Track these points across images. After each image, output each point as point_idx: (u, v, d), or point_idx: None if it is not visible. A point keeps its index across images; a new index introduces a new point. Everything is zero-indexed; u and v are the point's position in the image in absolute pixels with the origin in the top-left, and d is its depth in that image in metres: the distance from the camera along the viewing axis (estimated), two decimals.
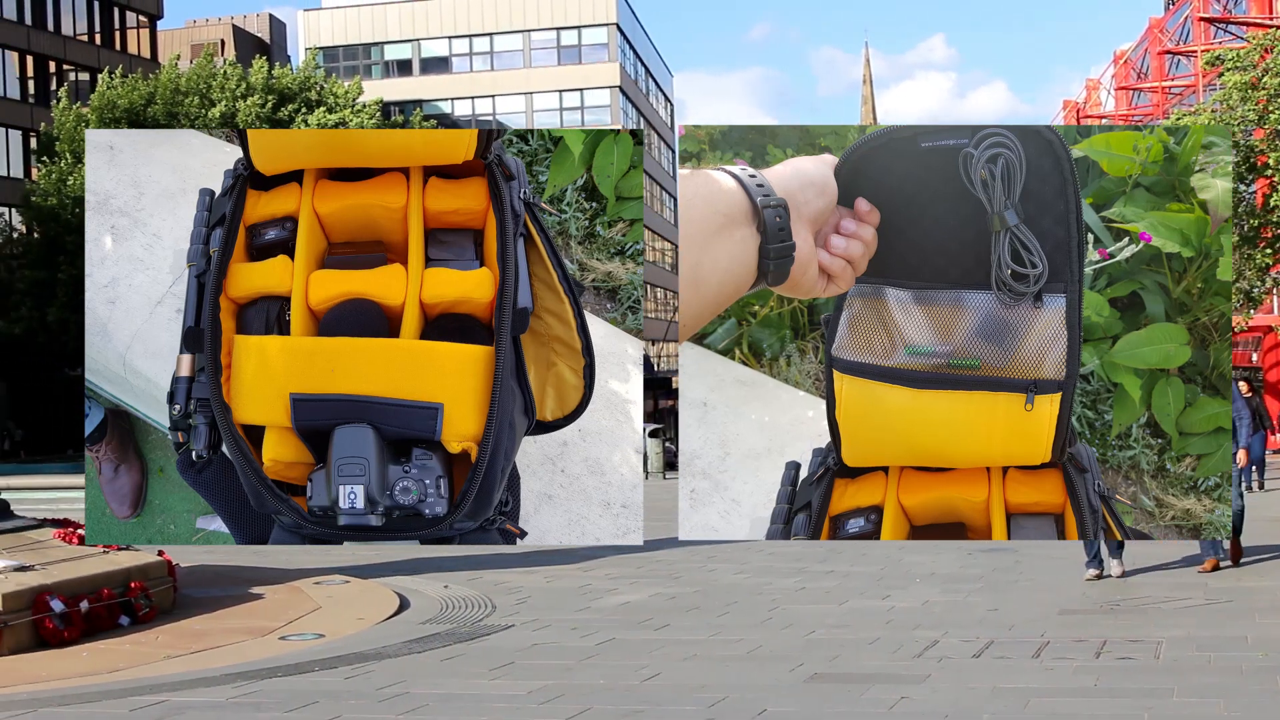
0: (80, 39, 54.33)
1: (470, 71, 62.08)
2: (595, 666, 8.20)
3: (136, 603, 9.43)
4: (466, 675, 8.01)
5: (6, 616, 8.35)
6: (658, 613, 10.23)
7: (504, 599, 10.96)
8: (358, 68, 60.81)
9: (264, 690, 7.66)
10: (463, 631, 9.43)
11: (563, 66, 61.24)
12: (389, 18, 62.53)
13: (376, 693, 7.53)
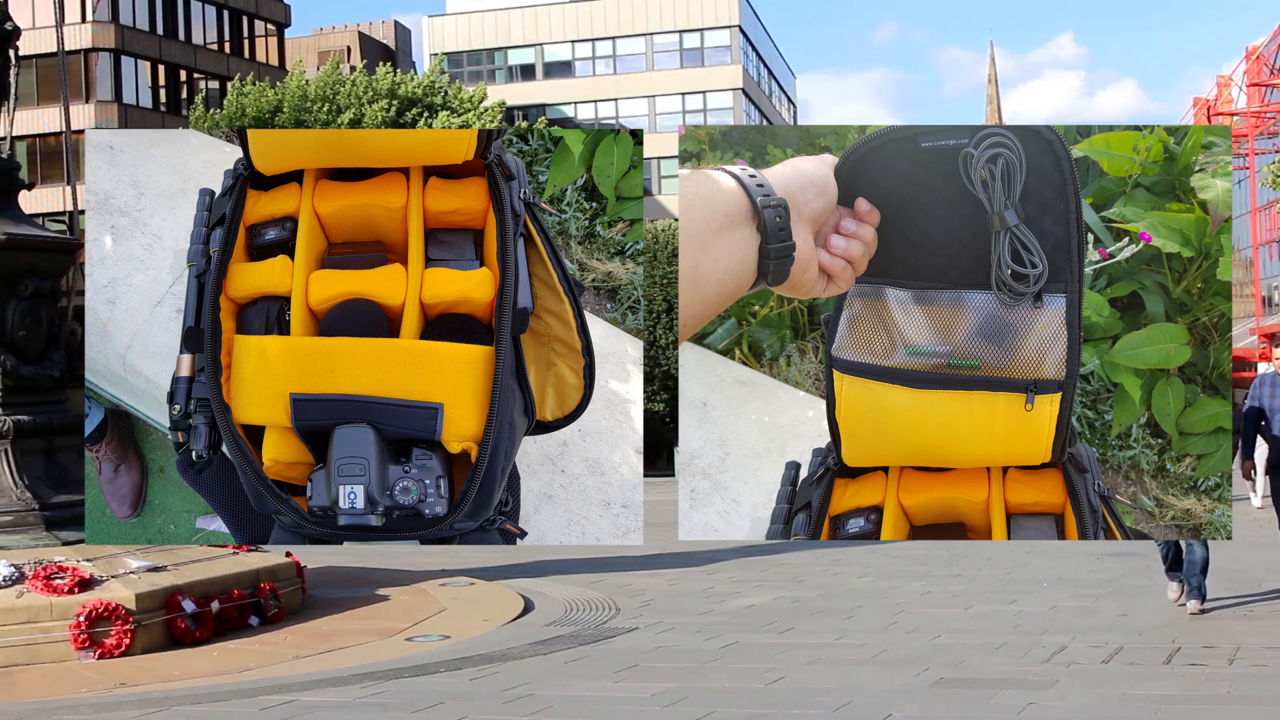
0: (210, 48, 55.03)
1: (593, 75, 61.87)
2: (719, 669, 8.16)
3: (266, 603, 9.52)
4: (591, 677, 8.00)
5: (140, 616, 8.47)
6: (782, 616, 10.17)
7: (628, 601, 10.93)
8: (481, 73, 60.74)
9: (390, 691, 7.68)
10: (587, 634, 9.41)
11: (685, 69, 60.94)
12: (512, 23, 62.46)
13: (501, 694, 7.53)
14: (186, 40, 53.98)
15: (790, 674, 8.00)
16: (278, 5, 59.10)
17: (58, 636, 8.32)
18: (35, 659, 8.27)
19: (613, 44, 61.92)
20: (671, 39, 61.49)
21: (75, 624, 8.28)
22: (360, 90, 42.53)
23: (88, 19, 49.77)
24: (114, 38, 50.17)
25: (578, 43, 62.24)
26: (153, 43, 52.16)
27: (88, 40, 49.51)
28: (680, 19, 61.17)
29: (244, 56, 56.52)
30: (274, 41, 59.02)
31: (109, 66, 50.46)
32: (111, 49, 50.23)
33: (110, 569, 8.74)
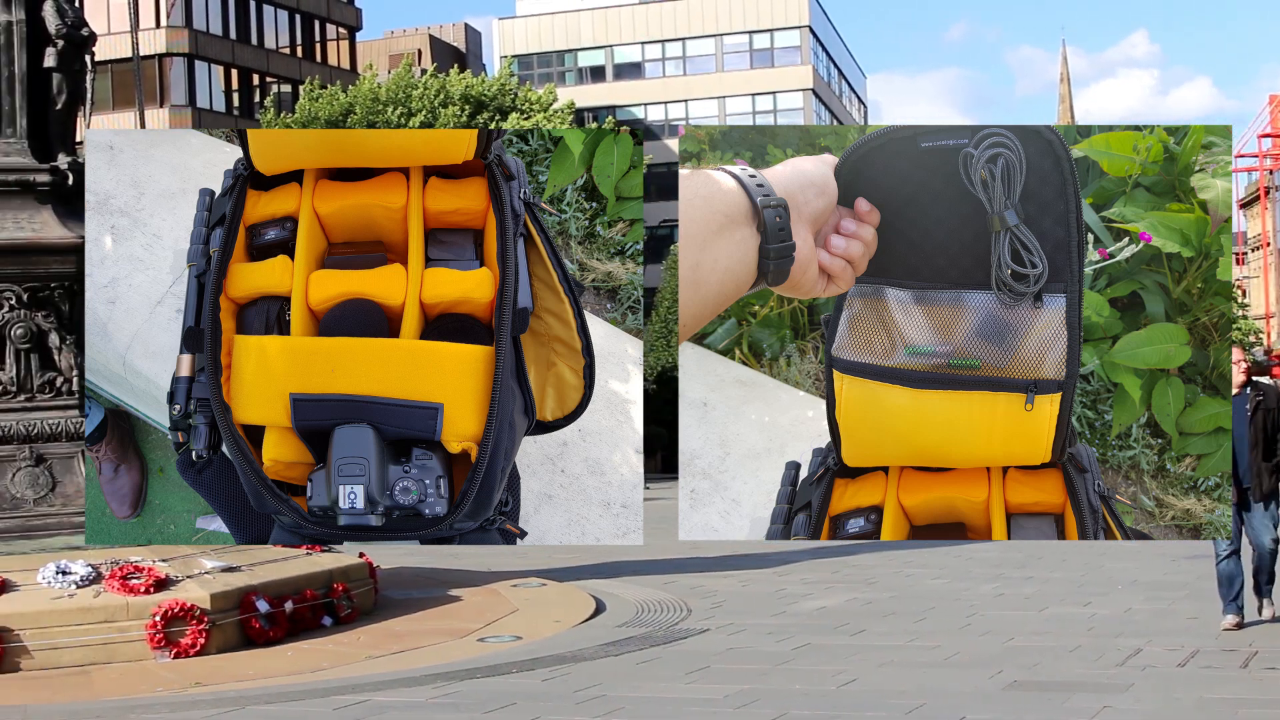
0: (282, 52, 55.32)
1: (662, 77, 61.74)
2: (791, 671, 8.14)
3: (339, 604, 9.56)
4: (662, 678, 8.00)
5: (215, 616, 8.54)
6: (854, 617, 10.15)
7: (699, 603, 10.91)
8: (551, 74, 60.67)
9: (463, 691, 7.69)
10: (659, 635, 9.40)
11: (755, 70, 60.64)
12: (582, 24, 62.34)
13: (573, 695, 7.52)
14: (259, 44, 54.29)
15: (863, 676, 7.96)
16: (349, 9, 59.39)
17: (134, 636, 8.42)
18: (112, 658, 8.37)
19: (682, 45, 61.72)
20: (741, 39, 61.21)
21: (151, 623, 8.38)
22: (431, 93, 42.56)
23: (162, 24, 50.15)
24: (188, 42, 50.58)
25: (647, 44, 62.04)
26: (226, 47, 52.51)
27: (162, 45, 49.92)
28: (750, 19, 60.91)
29: (315, 60, 56.78)
30: (345, 45, 59.28)
31: (183, 71, 50.82)
32: (185, 54, 50.68)
33: (185, 569, 8.83)
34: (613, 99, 61.14)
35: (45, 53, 10.38)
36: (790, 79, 60.65)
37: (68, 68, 10.53)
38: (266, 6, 54.76)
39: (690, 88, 61.09)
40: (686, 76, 61.57)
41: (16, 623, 8.19)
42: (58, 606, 8.38)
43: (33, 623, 8.24)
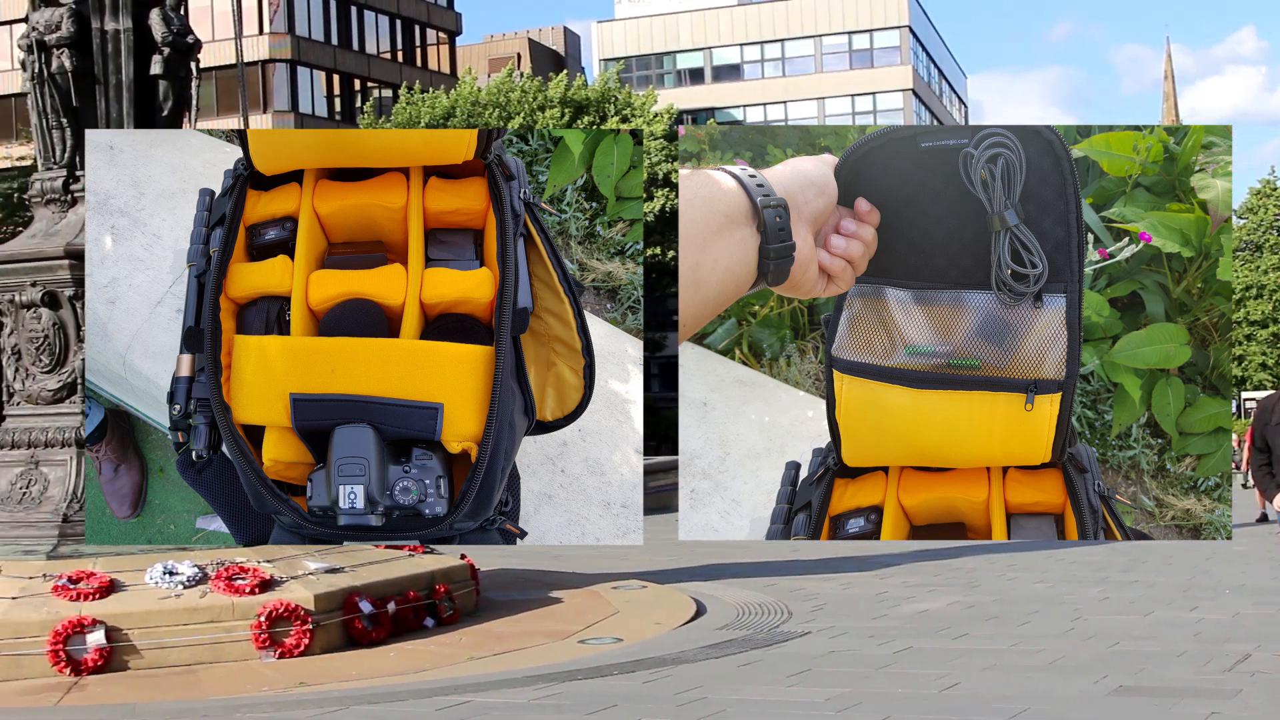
0: (383, 57, 55.79)
1: (761, 78, 61.67)
2: (893, 675, 8.03)
3: (441, 605, 9.58)
4: (764, 681, 7.91)
5: (319, 617, 8.59)
6: (956, 621, 10.00)
7: (800, 605, 10.81)
8: (650, 77, 60.67)
9: (564, 693, 7.65)
10: (760, 637, 9.32)
11: (854, 70, 60.54)
12: (681, 27, 62.33)
13: (674, 697, 7.45)
14: (360, 50, 54.84)
15: (965, 680, 7.83)
16: (449, 14, 59.67)
17: (239, 636, 8.49)
18: (218, 658, 8.45)
19: (781, 46, 61.64)
20: (840, 40, 61.06)
21: (256, 624, 8.45)
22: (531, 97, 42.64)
23: (265, 31, 50.53)
24: (290, 49, 50.95)
25: (746, 45, 62.00)
26: (327, 53, 52.91)
27: (265, 51, 50.28)
28: (849, 20, 60.78)
29: (416, 65, 57.13)
30: (445, 49, 59.63)
31: (285, 77, 51.17)
32: (288, 60, 51.08)
33: (289, 570, 8.90)
34: (711, 101, 61.04)
35: (151, 60, 10.54)
36: (890, 79, 60.45)
37: (173, 75, 10.68)
38: (368, 12, 55.29)
39: (789, 89, 60.97)
40: (785, 78, 61.46)
41: (125, 622, 8.31)
42: (165, 606, 8.49)
43: (140, 622, 8.35)
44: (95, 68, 10.51)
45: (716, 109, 59.93)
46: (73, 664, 8.08)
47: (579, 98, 43.23)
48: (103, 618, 8.22)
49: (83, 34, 10.52)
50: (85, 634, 8.12)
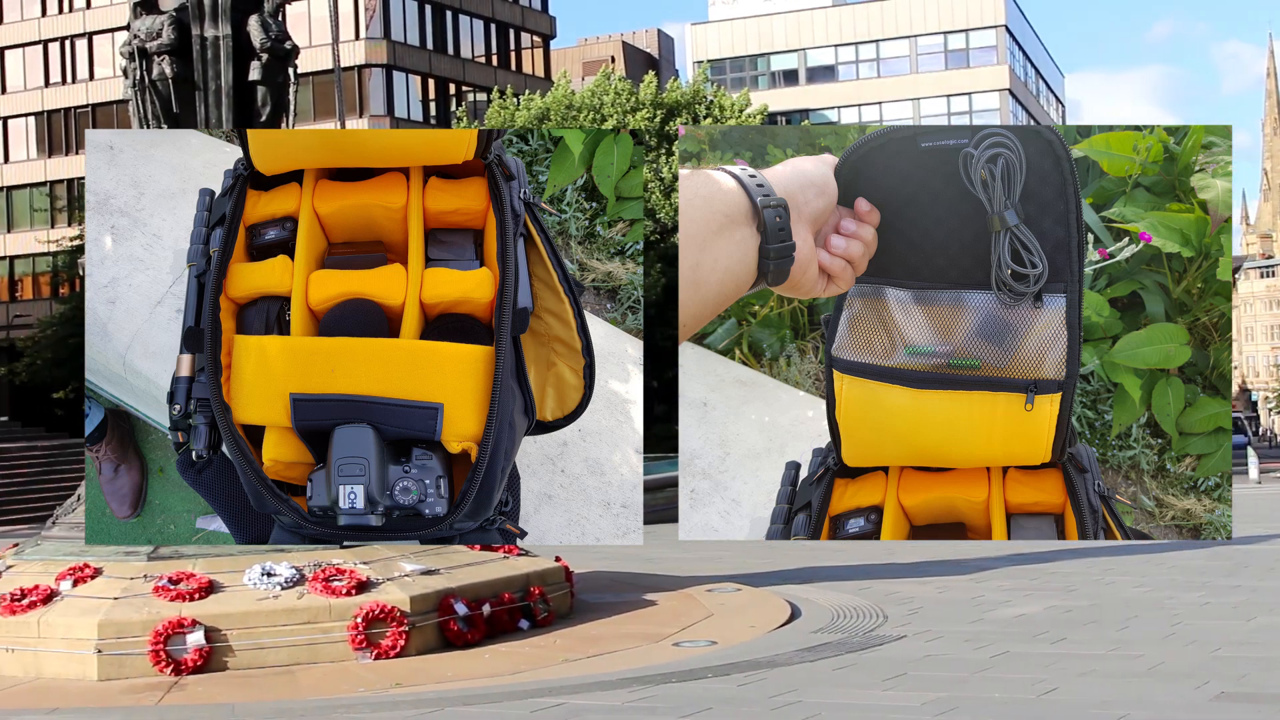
0: (478, 61, 56.10)
1: (856, 79, 61.34)
2: (990, 680, 8.00)
3: (535, 607, 9.62)
4: (859, 685, 7.91)
5: (414, 618, 8.67)
6: (1053, 626, 9.93)
7: (895, 609, 10.80)
8: (744, 79, 60.47)
9: (659, 695, 7.67)
10: (855, 641, 9.30)
11: (950, 71, 59.93)
12: (775, 28, 62.08)
13: (769, 700, 7.46)
14: (455, 54, 55.00)
15: (1064, 685, 7.78)
16: (543, 17, 59.92)
17: (336, 637, 8.60)
18: (315, 658, 8.56)
19: (876, 47, 61.22)
20: (936, 40, 60.58)
21: (353, 625, 8.55)
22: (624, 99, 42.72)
23: (361, 36, 50.93)
24: (386, 53, 51.34)
25: (840, 46, 61.66)
26: (423, 57, 53.25)
27: (361, 56, 50.70)
28: (945, 20, 60.31)
29: (510, 69, 57.32)
30: (539, 53, 59.81)
31: (381, 81, 51.56)
32: (384, 64, 51.48)
33: (385, 572, 8.97)
34: (805, 103, 60.77)
35: (250, 66, 10.67)
36: (986, 79, 59.97)
37: (272, 80, 10.80)
38: (463, 16, 55.52)
39: (884, 90, 60.62)
40: (880, 79, 61.04)
41: (224, 623, 8.46)
42: (263, 608, 8.62)
43: (239, 623, 8.50)
44: (195, 74, 10.68)
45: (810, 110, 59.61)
46: (173, 664, 8.22)
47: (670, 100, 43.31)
48: (202, 618, 8.37)
49: (183, 41, 10.67)
50: (185, 634, 8.26)
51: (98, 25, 53.29)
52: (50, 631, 8.38)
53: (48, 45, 54.49)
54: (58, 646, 8.33)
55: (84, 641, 8.27)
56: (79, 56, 54.23)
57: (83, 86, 53.98)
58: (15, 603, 8.53)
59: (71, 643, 8.30)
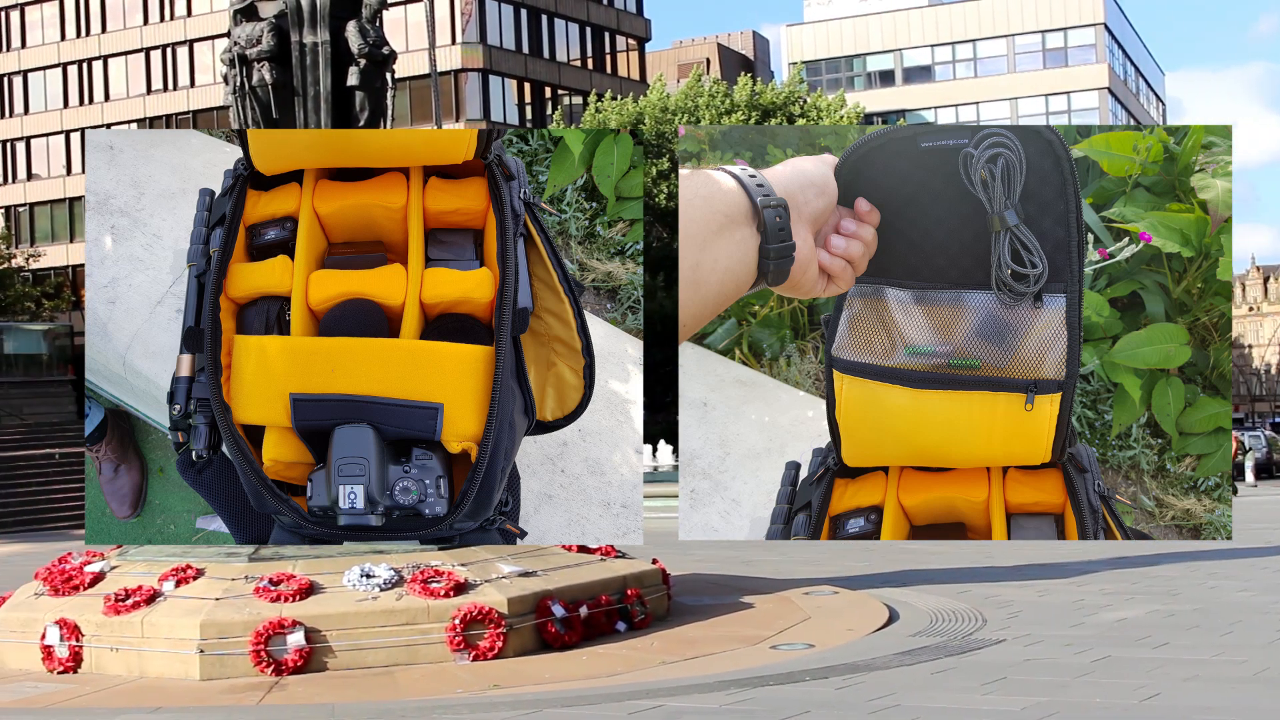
0: (574, 64, 56.48)
1: (953, 79, 61.03)
2: (1091, 684, 7.86)
3: (633, 609, 9.63)
4: (957, 689, 7.79)
5: (512, 620, 8.71)
6: (1155, 630, 9.73)
7: (995, 613, 10.63)
8: (840, 80, 60.32)
9: (756, 698, 7.62)
10: (953, 645, 9.19)
11: (1048, 70, 59.57)
12: (871, 29, 61.86)
13: (867, 704, 7.39)
14: (551, 58, 55.40)
15: (1166, 691, 7.65)
16: (638, 20, 60.19)
17: (435, 638, 8.65)
18: (414, 659, 8.61)
19: (973, 46, 60.83)
20: (1034, 39, 60.07)
21: (451, 626, 8.61)
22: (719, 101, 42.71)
23: (457, 41, 51.29)
24: (482, 58, 51.72)
25: (937, 46, 61.39)
26: (519, 61, 53.69)
27: (457, 61, 51.07)
28: (1043, 19, 59.82)
29: (606, 71, 57.64)
30: (634, 56, 60.15)
31: (477, 85, 51.94)
32: (480, 69, 51.85)
33: (483, 573, 9.00)
34: (901, 103, 60.52)
35: (348, 71, 10.77)
36: (1085, 78, 59.51)
37: (369, 85, 10.88)
38: (558, 20, 55.89)
39: (981, 90, 60.26)
40: (977, 78, 60.65)
41: (324, 624, 8.51)
42: (362, 609, 8.66)
43: (339, 624, 8.55)
44: (294, 80, 10.78)
45: (907, 111, 59.36)
46: (274, 664, 8.28)
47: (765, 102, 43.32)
48: (302, 619, 8.41)
49: (282, 48, 10.77)
50: (286, 635, 8.32)
51: (198, 33, 54.09)
52: (154, 631, 8.50)
53: (150, 53, 55.33)
54: (161, 646, 8.46)
55: (186, 641, 8.37)
56: (180, 64, 55.01)
57: (184, 93, 54.71)
58: (120, 603, 8.66)
59: (174, 643, 8.42)
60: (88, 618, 8.67)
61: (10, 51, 57.32)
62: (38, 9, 56.80)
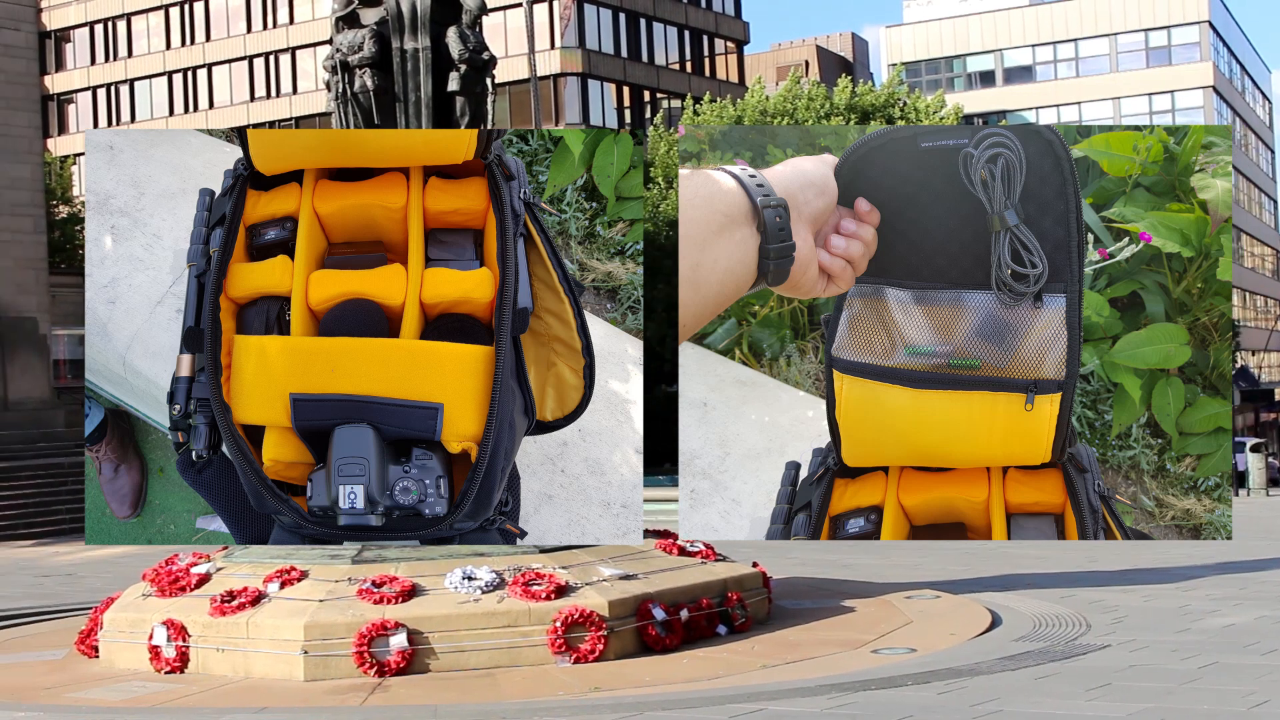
0: (672, 68, 56.62)
1: (1054, 79, 60.60)
2: (1198, 691, 7.75)
3: (733, 612, 9.63)
4: (1061, 695, 7.70)
5: (613, 623, 8.74)
6: (1265, 636, 9.54)
7: (1099, 618, 10.46)
8: (939, 81, 60.04)
9: (857, 703, 7.57)
10: (1057, 650, 9.07)
11: (1151, 69, 59.17)
12: (971, 29, 61.49)
13: (970, 709, 7.32)
14: (649, 61, 55.55)
15: (1276, 698, 7.51)
16: (737, 23, 60.25)
17: (536, 640, 8.69)
18: (515, 661, 8.66)
19: (1075, 46, 60.31)
20: (1136, 38, 59.47)
21: (552, 629, 8.64)
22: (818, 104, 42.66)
23: (556, 45, 51.51)
24: (581, 62, 51.86)
25: (1038, 46, 61.02)
26: (617, 65, 53.87)
27: (556, 65, 51.31)
28: (1146, 17, 59.17)
29: (704, 75, 57.74)
30: (733, 59, 60.12)
31: (576, 90, 52.14)
32: (579, 73, 51.99)
33: (584, 576, 9.03)
34: (1002, 104, 60.10)
35: (449, 77, 10.85)
36: (1189, 77, 58.77)
37: (470, 91, 10.96)
38: (656, 24, 56.01)
39: (1083, 89, 59.77)
40: (1079, 78, 60.15)
41: (426, 626, 8.56)
42: (464, 611, 8.70)
43: (441, 626, 8.60)
44: (395, 86, 10.87)
45: (1007, 111, 58.86)
46: (377, 665, 8.33)
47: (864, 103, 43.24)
48: (405, 621, 8.46)
49: (383, 54, 10.85)
50: (388, 636, 8.36)
51: (300, 40, 54.43)
52: (259, 632, 8.58)
53: (253, 61, 55.71)
54: (266, 647, 8.53)
55: (291, 643, 8.44)
56: (283, 71, 55.36)
57: (286, 100, 55.01)
58: (225, 604, 8.74)
59: (279, 643, 8.49)
60: (194, 618, 8.77)
61: (118, 60, 57.95)
62: (144, 19, 57.49)
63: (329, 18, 11.24)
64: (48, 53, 56.34)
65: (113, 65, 57.96)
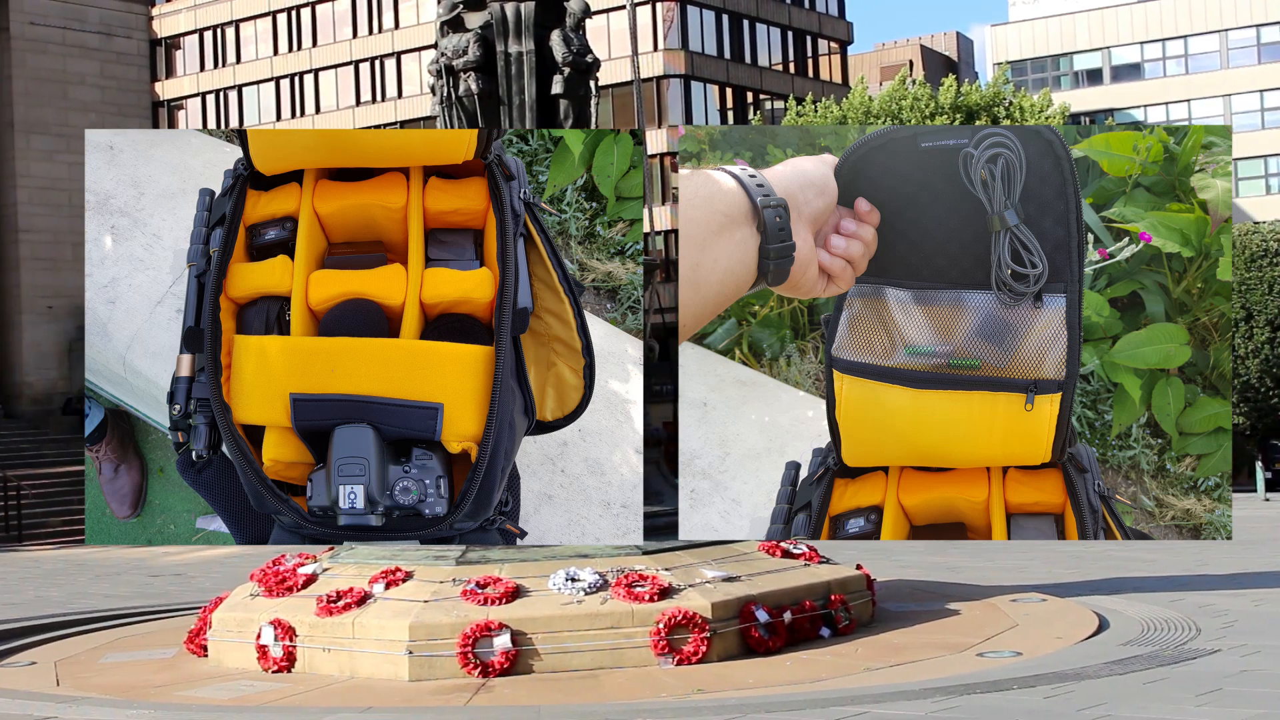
0: (775, 69, 56.51)
1: (1163, 77, 59.70)
2: None
3: (837, 615, 9.60)
4: (1171, 700, 7.58)
5: (716, 625, 8.75)
6: None
7: (1209, 622, 10.28)
8: (1046, 79, 59.65)
9: (962, 706, 7.50)
10: (1166, 654, 8.94)
11: (1263, 65, 57.57)
12: (1078, 27, 60.78)
13: (1076, 714, 7.23)
14: (753, 62, 55.47)
15: None
16: (840, 23, 60.17)
17: (639, 642, 8.69)
18: (618, 663, 8.67)
19: (1184, 43, 59.56)
20: (1248, 34, 58.43)
21: (655, 631, 8.65)
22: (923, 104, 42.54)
23: (659, 47, 51.63)
24: (684, 63, 51.97)
25: (1147, 44, 60.43)
26: (720, 67, 53.86)
27: (659, 67, 51.41)
28: (1258, 12, 58.00)
29: (808, 75, 57.61)
30: (837, 59, 59.94)
31: (679, 92, 52.23)
32: (682, 75, 52.09)
33: (687, 578, 9.04)
34: (1109, 102, 59.45)
35: (553, 80, 10.92)
36: None
37: (573, 93, 11.03)
38: (759, 25, 55.89)
39: (1192, 87, 58.93)
40: (1188, 75, 59.42)
41: (529, 627, 8.59)
42: (567, 612, 8.72)
43: (544, 627, 8.62)
44: (500, 89, 10.96)
45: (1115, 110, 58.15)
46: (480, 666, 8.36)
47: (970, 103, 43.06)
48: (509, 622, 8.50)
49: (488, 57, 10.89)
50: (492, 637, 8.40)
51: (405, 45, 54.48)
52: (364, 633, 8.63)
53: (359, 65, 55.90)
54: (371, 647, 8.59)
55: (396, 643, 8.49)
56: (388, 75, 55.46)
57: (391, 105, 55.09)
58: (331, 604, 8.80)
59: (384, 644, 8.55)
60: (301, 619, 8.83)
61: (226, 67, 58.25)
62: (251, 25, 57.75)
63: (434, 22, 11.33)
64: (158, 59, 56.56)
65: (221, 71, 58.46)
